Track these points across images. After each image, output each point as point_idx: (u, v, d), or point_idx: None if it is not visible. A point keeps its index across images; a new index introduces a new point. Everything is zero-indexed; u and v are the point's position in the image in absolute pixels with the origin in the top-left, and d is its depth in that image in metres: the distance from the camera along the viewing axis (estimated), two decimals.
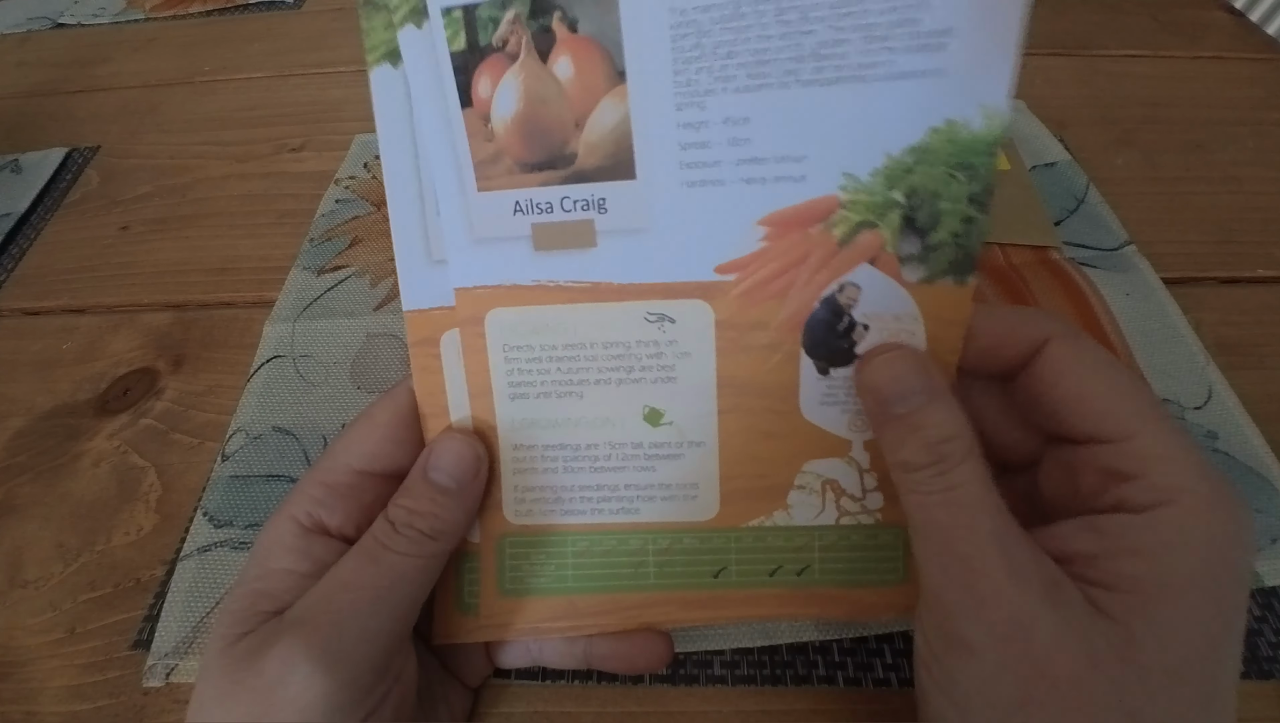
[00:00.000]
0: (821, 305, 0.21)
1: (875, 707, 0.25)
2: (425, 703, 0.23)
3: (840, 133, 0.18)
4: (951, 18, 0.16)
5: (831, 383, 0.22)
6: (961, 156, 0.18)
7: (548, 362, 0.22)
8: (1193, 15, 0.58)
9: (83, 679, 0.27)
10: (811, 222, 0.20)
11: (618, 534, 0.23)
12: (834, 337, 0.21)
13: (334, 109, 0.52)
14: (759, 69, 0.18)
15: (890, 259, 0.20)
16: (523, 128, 0.21)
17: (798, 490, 0.23)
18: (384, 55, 0.21)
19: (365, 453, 0.22)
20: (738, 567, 0.23)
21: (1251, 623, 0.27)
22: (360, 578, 0.20)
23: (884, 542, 0.23)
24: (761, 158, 0.19)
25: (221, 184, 0.47)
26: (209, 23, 0.63)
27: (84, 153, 0.50)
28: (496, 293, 0.22)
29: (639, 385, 0.22)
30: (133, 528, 0.31)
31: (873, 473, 0.22)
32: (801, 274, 0.20)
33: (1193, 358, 0.34)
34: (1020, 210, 0.39)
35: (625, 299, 0.22)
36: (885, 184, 0.19)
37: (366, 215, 0.43)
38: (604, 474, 0.23)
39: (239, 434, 0.33)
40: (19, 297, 0.41)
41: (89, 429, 0.34)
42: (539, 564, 0.23)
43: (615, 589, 0.23)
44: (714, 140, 0.19)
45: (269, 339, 0.37)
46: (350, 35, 0.59)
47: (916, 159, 0.18)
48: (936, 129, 0.18)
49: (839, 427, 0.22)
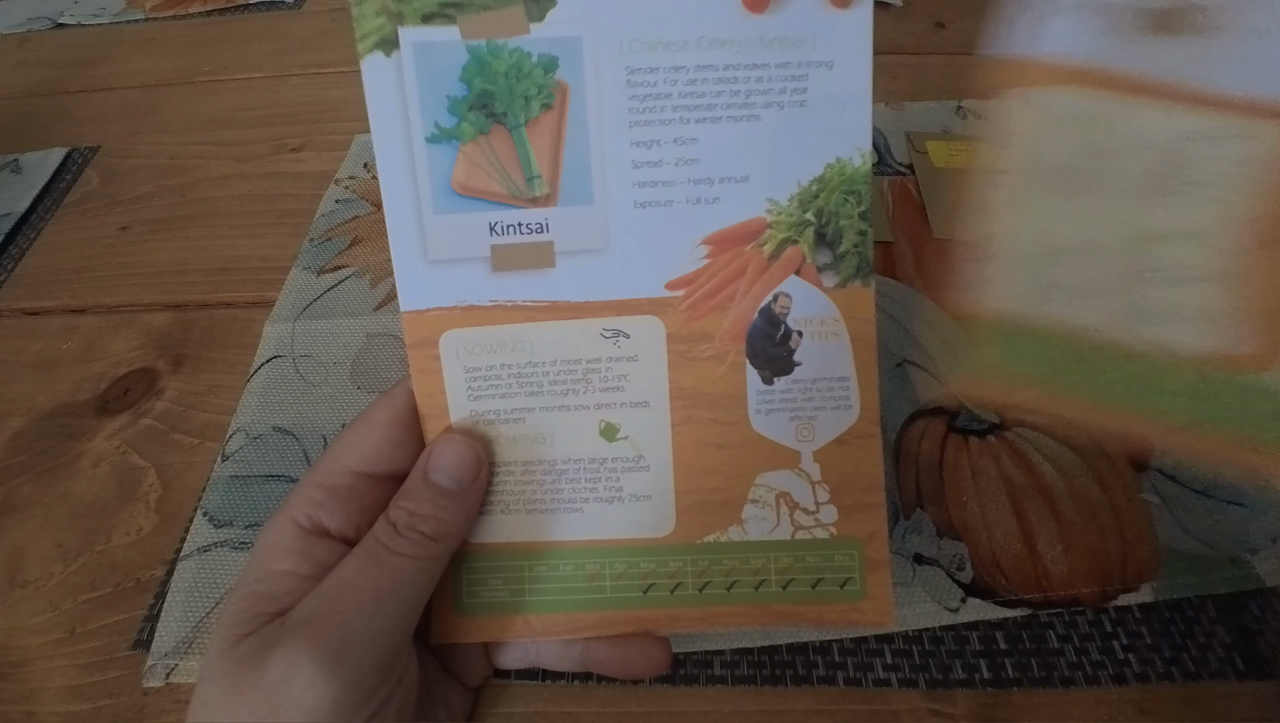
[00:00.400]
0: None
1: (875, 707, 0.25)
2: (425, 703, 0.23)
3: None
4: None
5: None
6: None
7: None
8: None
9: (83, 679, 0.27)
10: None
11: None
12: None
13: (334, 109, 0.52)
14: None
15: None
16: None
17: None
18: (376, 44, 0.21)
19: (364, 455, 0.22)
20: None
21: (1251, 623, 0.27)
22: (363, 580, 0.20)
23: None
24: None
25: (221, 184, 0.47)
26: (209, 23, 0.63)
27: (84, 153, 0.50)
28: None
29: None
30: (133, 528, 0.31)
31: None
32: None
33: None
34: None
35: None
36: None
37: (366, 215, 0.43)
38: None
39: (239, 434, 0.33)
40: (19, 297, 0.41)
41: (89, 429, 0.34)
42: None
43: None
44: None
45: (269, 339, 0.37)
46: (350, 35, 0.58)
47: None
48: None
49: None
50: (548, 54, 0.21)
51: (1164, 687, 0.26)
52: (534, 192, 0.22)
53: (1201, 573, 0.28)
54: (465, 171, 0.22)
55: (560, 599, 0.24)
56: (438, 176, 0.22)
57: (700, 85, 0.21)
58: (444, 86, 0.21)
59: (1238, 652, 0.26)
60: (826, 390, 0.23)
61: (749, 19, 0.21)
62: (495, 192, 0.22)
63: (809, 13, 0.21)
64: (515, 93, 0.21)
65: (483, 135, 0.22)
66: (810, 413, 0.23)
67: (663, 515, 0.23)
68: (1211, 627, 0.27)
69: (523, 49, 0.21)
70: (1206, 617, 0.27)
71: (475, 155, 0.22)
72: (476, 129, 0.22)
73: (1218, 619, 0.27)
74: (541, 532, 0.24)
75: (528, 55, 0.21)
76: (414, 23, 0.21)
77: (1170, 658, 0.26)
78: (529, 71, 0.21)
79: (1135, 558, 0.28)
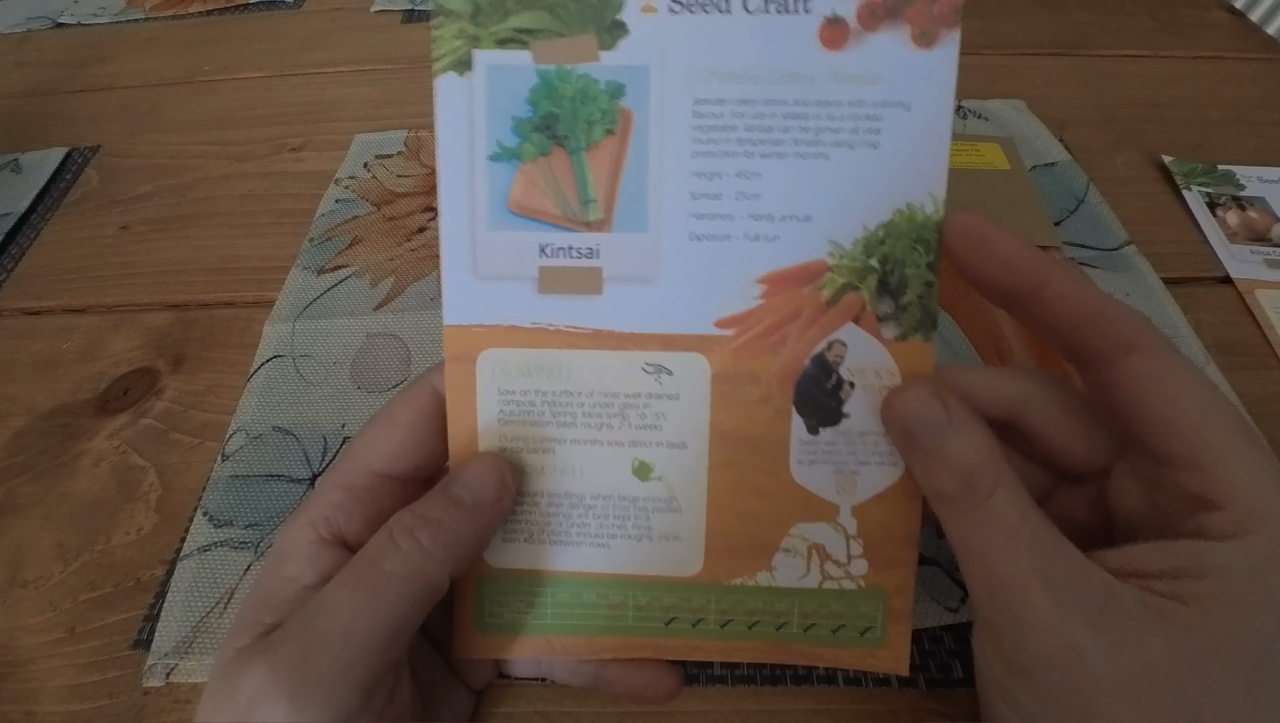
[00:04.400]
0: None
1: (875, 707, 0.25)
2: (429, 704, 0.23)
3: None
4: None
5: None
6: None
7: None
8: (1193, 15, 0.58)
9: (83, 679, 0.27)
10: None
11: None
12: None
13: (334, 109, 0.52)
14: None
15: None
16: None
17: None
18: (451, 64, 0.21)
19: (386, 455, 0.22)
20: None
21: None
22: (342, 605, 0.19)
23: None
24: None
25: (221, 184, 0.47)
26: (209, 23, 0.63)
27: (84, 153, 0.50)
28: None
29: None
30: (133, 528, 0.31)
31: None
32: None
33: (1193, 358, 0.34)
34: (1020, 210, 0.39)
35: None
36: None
37: (366, 215, 0.43)
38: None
39: (239, 434, 0.33)
40: (19, 297, 0.41)
41: (89, 429, 0.34)
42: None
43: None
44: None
45: (269, 339, 0.37)
46: (350, 35, 0.59)
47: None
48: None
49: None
50: (615, 81, 0.21)
51: None
52: (588, 216, 0.22)
53: None
54: (523, 190, 0.22)
55: (581, 624, 0.23)
56: (495, 193, 0.22)
57: (768, 119, 0.21)
58: (511, 107, 0.21)
59: None
60: (873, 445, 0.22)
61: (824, 54, 0.21)
62: (550, 213, 0.22)
63: (889, 51, 0.20)
64: (579, 117, 0.21)
65: (543, 156, 0.21)
66: (854, 467, 0.22)
67: (691, 557, 0.23)
68: None
69: (590, 75, 0.21)
70: None
71: (534, 175, 0.22)
72: (538, 150, 0.21)
73: None
74: (565, 562, 0.23)
75: (594, 81, 0.21)
76: (489, 46, 0.21)
77: None
78: (594, 96, 0.21)
79: None
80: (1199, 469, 0.18)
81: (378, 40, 0.58)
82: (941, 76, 0.20)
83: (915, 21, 0.20)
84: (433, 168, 0.46)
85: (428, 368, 0.23)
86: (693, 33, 0.21)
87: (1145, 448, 0.19)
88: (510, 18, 0.21)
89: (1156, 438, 0.19)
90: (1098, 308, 0.20)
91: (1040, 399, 0.21)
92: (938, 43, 0.20)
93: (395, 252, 0.41)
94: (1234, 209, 0.41)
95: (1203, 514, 0.18)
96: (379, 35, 0.58)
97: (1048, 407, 0.21)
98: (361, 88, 0.53)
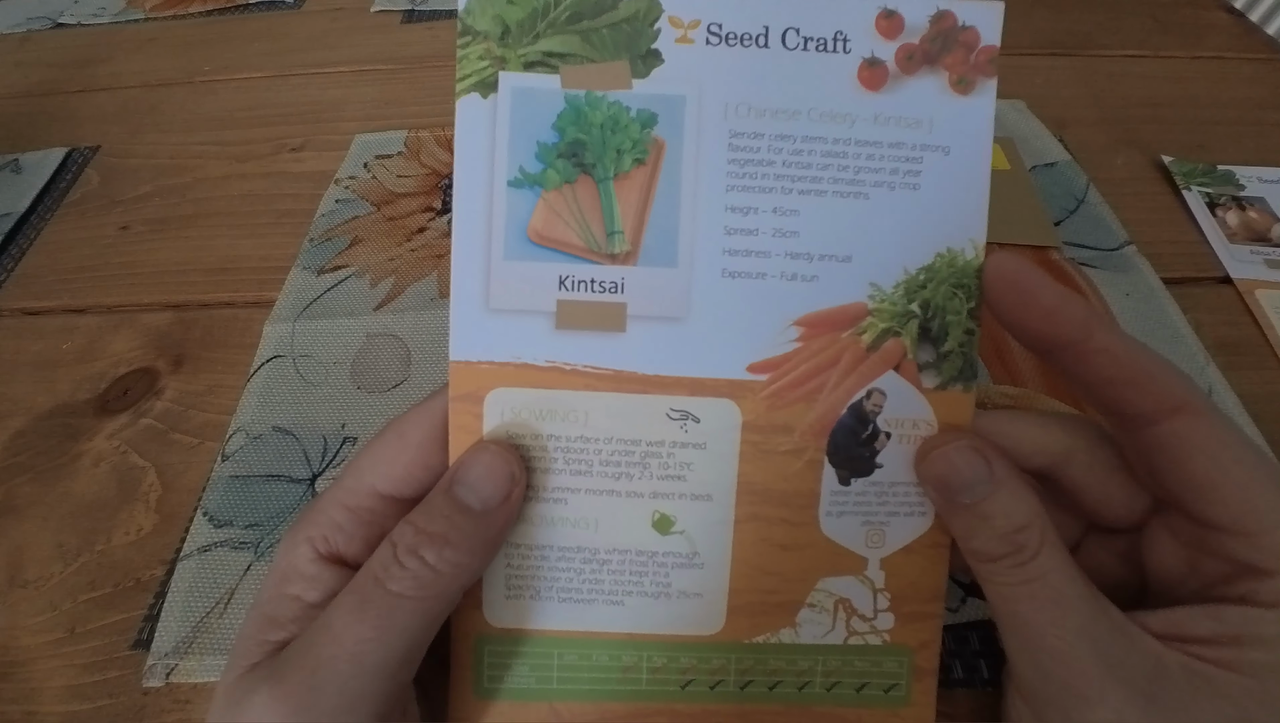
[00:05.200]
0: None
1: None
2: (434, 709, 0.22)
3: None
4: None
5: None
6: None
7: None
8: (1193, 15, 0.58)
9: (83, 679, 0.27)
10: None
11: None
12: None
13: (334, 109, 0.52)
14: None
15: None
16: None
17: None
18: (474, 85, 0.20)
19: (392, 476, 0.20)
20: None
21: None
22: (345, 630, 0.18)
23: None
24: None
25: (221, 184, 0.47)
26: (209, 23, 0.63)
27: (84, 153, 0.50)
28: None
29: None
30: (133, 528, 0.31)
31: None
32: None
33: (1193, 358, 0.34)
34: (1020, 210, 0.39)
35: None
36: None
37: (366, 215, 0.43)
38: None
39: (239, 434, 0.33)
40: (19, 297, 0.41)
41: (89, 429, 0.34)
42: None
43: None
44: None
45: (269, 339, 0.37)
46: (350, 35, 0.59)
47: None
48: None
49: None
50: (647, 110, 0.20)
51: None
52: (613, 248, 0.21)
53: None
54: (544, 220, 0.20)
55: (591, 689, 0.22)
56: (513, 222, 0.20)
57: (807, 156, 0.20)
58: (535, 132, 0.20)
59: None
60: (903, 495, 0.21)
61: (864, 95, 0.20)
62: (572, 243, 0.21)
63: (928, 95, 0.20)
64: (608, 145, 0.20)
65: (568, 184, 0.20)
66: (883, 518, 0.21)
67: (712, 615, 0.22)
68: None
69: (622, 102, 0.20)
70: None
71: (557, 204, 0.20)
72: (562, 177, 0.20)
73: None
74: (575, 622, 0.22)
75: (626, 109, 0.20)
76: (516, 68, 0.20)
77: None
78: (625, 125, 0.20)
79: None
80: (1247, 535, 0.18)
81: (378, 40, 0.58)
82: (979, 123, 0.20)
83: (953, 68, 0.20)
84: (433, 168, 0.46)
85: (444, 385, 0.21)
86: (730, 65, 0.20)
87: (1188, 510, 0.19)
88: (540, 41, 0.20)
89: (1201, 502, 0.18)
90: (1142, 366, 0.19)
91: (1082, 453, 0.21)
92: (975, 90, 0.20)
93: (395, 252, 0.41)
94: (1234, 209, 0.41)
95: (1251, 580, 0.18)
96: (379, 35, 0.58)
97: (1089, 461, 0.21)
98: (361, 88, 0.53)
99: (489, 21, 0.20)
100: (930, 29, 0.20)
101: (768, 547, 0.21)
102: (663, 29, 0.20)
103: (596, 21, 0.20)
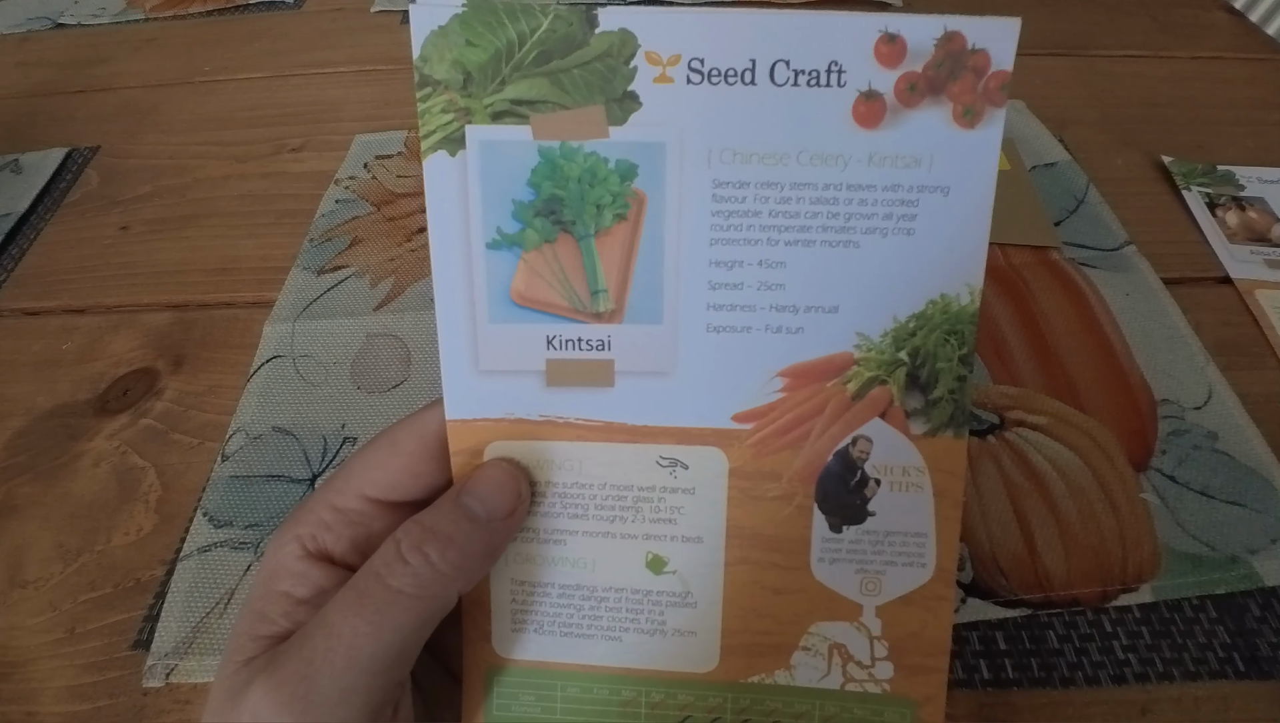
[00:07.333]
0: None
1: None
2: (431, 707, 0.23)
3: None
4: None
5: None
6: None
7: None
8: (1193, 15, 0.58)
9: (83, 679, 0.27)
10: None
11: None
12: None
13: (334, 109, 0.52)
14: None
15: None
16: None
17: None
18: (440, 142, 0.19)
19: (382, 482, 0.21)
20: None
21: (1251, 623, 0.27)
22: (344, 626, 0.18)
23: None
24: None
25: (221, 184, 0.47)
26: (209, 23, 0.63)
27: (84, 153, 0.50)
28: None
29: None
30: (133, 528, 0.31)
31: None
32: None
33: (1193, 358, 0.34)
34: (1020, 211, 0.39)
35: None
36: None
37: (366, 215, 0.43)
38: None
39: (239, 434, 0.33)
40: (19, 297, 0.41)
41: (89, 429, 0.34)
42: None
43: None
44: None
45: (269, 339, 0.37)
46: (350, 35, 0.59)
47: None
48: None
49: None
50: (626, 160, 0.19)
51: (1164, 687, 0.26)
52: (598, 307, 0.20)
53: (1201, 573, 0.28)
54: (526, 281, 0.20)
55: (593, 722, 0.23)
56: (495, 285, 0.20)
57: (794, 205, 0.20)
58: (510, 190, 0.19)
59: (1238, 652, 0.26)
60: (900, 545, 0.21)
61: (858, 133, 0.19)
62: (556, 304, 0.20)
63: (929, 130, 0.19)
64: (587, 200, 0.20)
65: (548, 243, 0.20)
66: (879, 567, 0.21)
67: (706, 653, 0.22)
68: (1211, 627, 0.27)
69: (599, 153, 0.19)
70: (1206, 617, 0.27)
71: (538, 264, 0.20)
72: (542, 236, 0.20)
73: (1218, 619, 0.27)
74: (576, 655, 0.22)
75: (604, 160, 0.19)
76: (483, 121, 0.19)
77: (1170, 658, 0.26)
78: (604, 178, 0.19)
79: (1135, 558, 0.28)
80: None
81: (378, 40, 0.58)
82: (984, 160, 0.19)
83: (958, 98, 0.19)
84: None
85: (438, 398, 0.21)
86: (713, 106, 0.19)
87: None
88: (506, 87, 0.19)
89: None
90: None
91: None
92: (981, 122, 0.19)
93: (395, 252, 0.41)
94: (1234, 209, 0.41)
95: None
96: (379, 35, 0.58)
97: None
98: (361, 88, 0.53)
99: (448, 68, 0.19)
100: (936, 53, 0.19)
101: (759, 589, 0.22)
102: (639, 67, 0.19)
103: (566, 61, 0.19)
